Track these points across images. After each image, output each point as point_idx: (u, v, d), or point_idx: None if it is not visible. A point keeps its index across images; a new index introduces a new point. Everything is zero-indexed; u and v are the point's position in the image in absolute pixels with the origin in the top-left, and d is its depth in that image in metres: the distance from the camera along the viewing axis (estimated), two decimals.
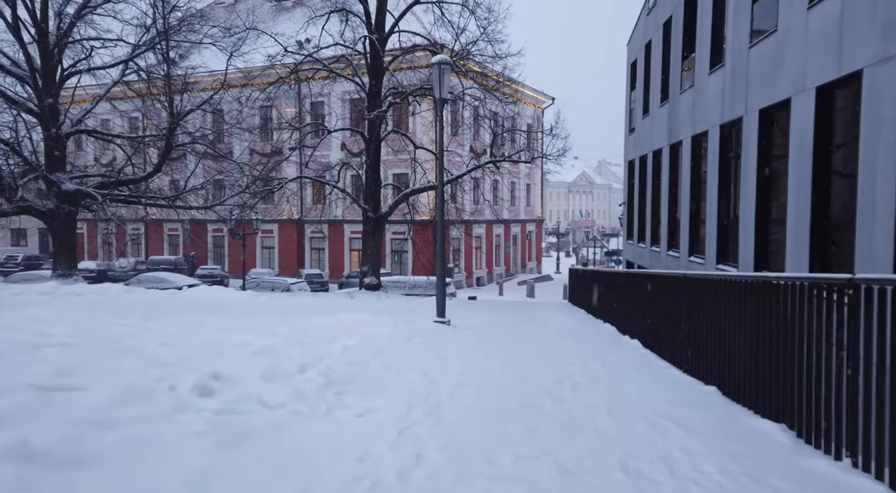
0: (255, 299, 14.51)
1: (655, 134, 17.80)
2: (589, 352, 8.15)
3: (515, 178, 45.49)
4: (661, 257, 16.91)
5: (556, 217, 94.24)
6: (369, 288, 20.49)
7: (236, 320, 9.19)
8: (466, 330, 10.42)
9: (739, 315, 5.16)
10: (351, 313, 11.77)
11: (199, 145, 22.38)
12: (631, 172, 21.76)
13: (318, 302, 14.87)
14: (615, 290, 11.43)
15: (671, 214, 16.26)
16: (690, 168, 14.32)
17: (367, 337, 8.09)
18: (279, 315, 10.53)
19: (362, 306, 14.49)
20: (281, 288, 27.84)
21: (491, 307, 16.82)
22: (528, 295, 35.79)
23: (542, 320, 12.67)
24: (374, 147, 19.99)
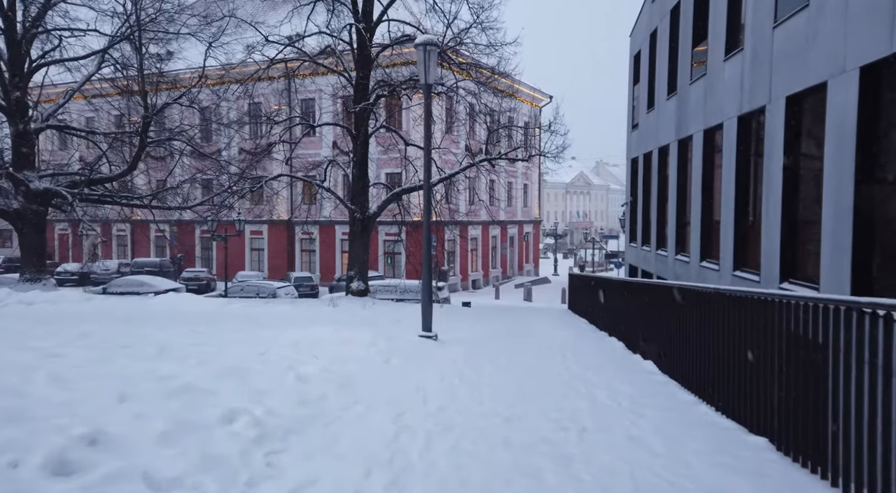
0: (226, 309, 13.25)
1: (661, 129, 16.59)
2: (595, 377, 6.92)
3: (512, 177, 44.28)
4: (669, 261, 15.70)
5: (553, 218, 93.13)
6: (356, 294, 19.23)
7: (187, 336, 7.93)
8: (455, 346, 9.17)
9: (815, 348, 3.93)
10: (327, 326, 10.50)
11: (178, 142, 21.11)
12: (634, 171, 20.56)
13: (296, 311, 13.61)
14: (624, 301, 10.19)
15: (679, 215, 15.05)
16: (702, 165, 13.11)
17: (334, 360, 6.84)
18: (242, 330, 9.27)
19: (343, 315, 13.24)
20: (266, 293, 26.57)
21: (485, 315, 15.58)
22: (526, 299, 34.56)
23: (540, 333, 11.43)
24: (360, 143, 18.73)
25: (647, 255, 18.16)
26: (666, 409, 5.48)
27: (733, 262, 11.29)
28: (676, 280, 14.66)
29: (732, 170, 11.27)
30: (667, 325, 7.25)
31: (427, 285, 9.82)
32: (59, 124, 21.78)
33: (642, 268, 18.87)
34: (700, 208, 13.21)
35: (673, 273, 15.22)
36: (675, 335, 6.85)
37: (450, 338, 10.11)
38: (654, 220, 17.38)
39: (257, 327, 9.78)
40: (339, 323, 11.51)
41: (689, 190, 14.32)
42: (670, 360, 7.06)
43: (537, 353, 8.79)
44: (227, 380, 5.08)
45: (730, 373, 5.13)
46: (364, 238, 19.29)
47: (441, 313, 15.18)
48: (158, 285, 27.80)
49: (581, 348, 9.33)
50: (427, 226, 9.92)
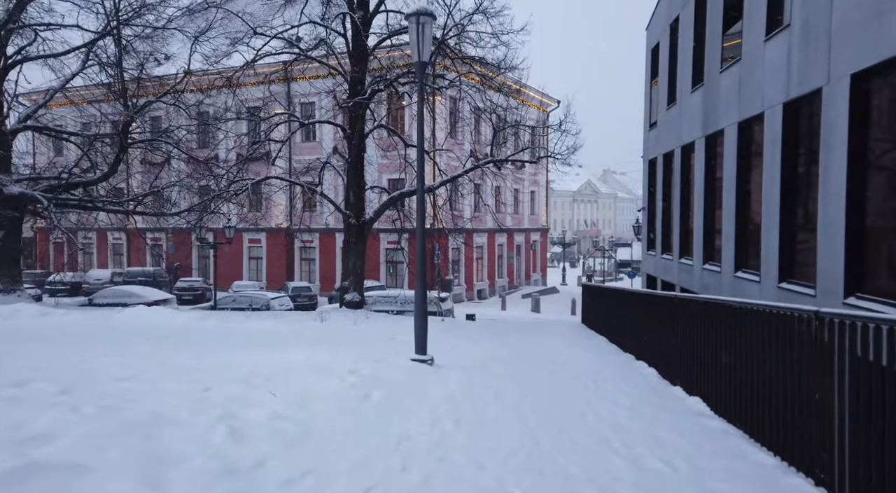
0: (199, 325, 11.78)
1: (685, 125, 15.07)
2: (631, 422, 5.37)
3: (519, 184, 42.81)
4: (695, 271, 14.11)
5: (560, 227, 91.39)
6: (351, 306, 17.73)
7: (120, 367, 6.43)
8: (454, 373, 7.64)
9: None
10: (304, 347, 9.00)
11: (168, 146, 19.76)
12: (651, 173, 19.01)
13: (277, 328, 12.13)
14: (656, 318, 8.61)
15: (708, 220, 13.48)
16: (736, 162, 11.56)
17: (295, 399, 5.32)
18: (200, 354, 7.77)
19: (330, 332, 11.73)
20: (260, 304, 25.09)
21: (490, 331, 14.03)
22: (533, 310, 32.97)
23: (553, 355, 9.87)
24: (356, 143, 17.30)
25: (669, 264, 16.57)
26: (739, 477, 3.92)
27: (778, 272, 9.71)
28: (705, 292, 13.09)
29: (776, 166, 9.72)
30: (725, 354, 5.68)
31: (421, 301, 8.30)
32: (37, 126, 20.47)
33: (662, 278, 17.27)
34: (734, 212, 11.65)
35: (701, 284, 13.63)
36: (740, 371, 5.28)
37: (448, 361, 8.57)
38: (676, 225, 15.81)
39: (220, 350, 8.28)
40: (321, 343, 10.01)
41: (719, 191, 12.77)
42: (731, 400, 5.48)
43: (552, 384, 7.23)
44: (124, 442, 3.57)
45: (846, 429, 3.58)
46: (360, 246, 17.81)
47: (441, 328, 13.66)
48: (147, 295, 26.41)
49: (605, 376, 7.76)
50: (421, 232, 8.43)
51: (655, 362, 8.33)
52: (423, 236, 8.48)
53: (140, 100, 18.83)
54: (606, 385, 7.06)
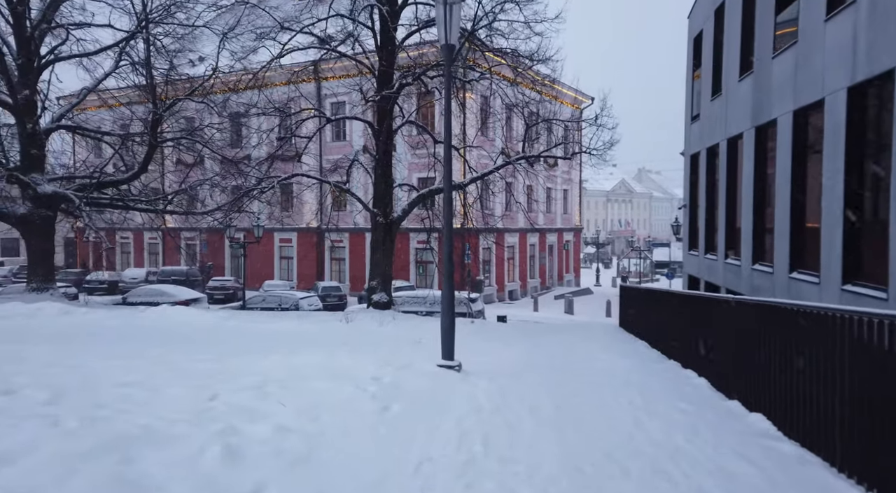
0: (222, 324, 11.44)
1: (732, 117, 14.12)
2: (688, 444, 4.67)
3: (552, 182, 41.87)
4: (743, 272, 13.17)
5: (593, 227, 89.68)
6: (378, 307, 17.26)
7: (125, 370, 6.02)
8: (483, 382, 7.02)
9: None
10: (325, 350, 8.51)
11: (199, 145, 19.63)
12: (694, 168, 18.02)
13: (300, 329, 11.69)
14: (707, 323, 7.83)
15: (758, 217, 12.54)
16: (791, 154, 10.64)
17: (306, 410, 4.79)
18: (215, 357, 7.33)
19: (355, 334, 11.23)
20: (289, 304, 24.91)
21: (522, 334, 13.35)
22: (567, 311, 32.07)
23: (591, 361, 9.16)
24: (384, 139, 16.82)
25: (713, 264, 15.60)
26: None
27: (842, 274, 8.81)
28: (755, 295, 12.16)
29: (839, 157, 8.82)
30: (795, 365, 4.93)
31: (448, 303, 7.72)
32: (70, 125, 20.61)
33: (706, 279, 16.31)
34: (788, 208, 10.73)
35: (750, 286, 12.70)
36: (816, 386, 4.53)
37: (477, 367, 7.96)
38: (721, 224, 14.85)
39: (238, 352, 7.84)
40: (345, 345, 9.51)
41: (770, 186, 11.84)
42: (804, 420, 4.73)
43: (593, 396, 6.54)
44: (96, 466, 3.07)
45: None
46: (387, 245, 17.34)
47: (470, 331, 13.06)
48: (178, 294, 26.54)
49: (651, 387, 7.03)
50: (448, 231, 7.86)
51: (706, 371, 7.55)
52: (450, 235, 7.90)
53: (170, 99, 18.74)
54: (654, 398, 6.34)
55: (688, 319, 8.91)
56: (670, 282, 33.11)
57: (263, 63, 16.65)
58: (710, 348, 7.50)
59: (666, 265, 43.18)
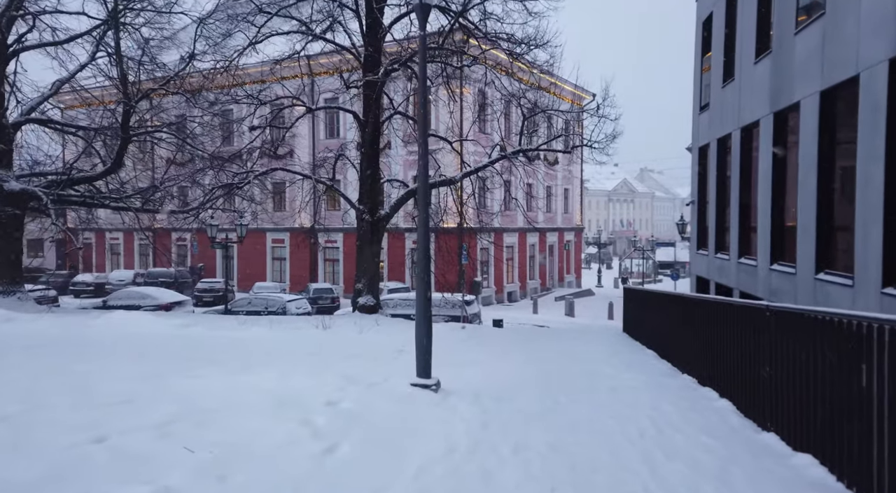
0: (180, 332, 10.26)
1: (746, 103, 12.93)
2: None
3: (551, 180, 40.68)
4: (760, 273, 11.97)
5: (595, 227, 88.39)
6: (364, 310, 16.11)
7: (25, 394, 4.85)
8: (464, 406, 5.86)
9: None
10: (284, 365, 7.33)
11: (167, 137, 18.48)
12: (702, 162, 16.83)
13: (269, 336, 10.50)
14: (733, 335, 6.64)
15: (777, 212, 11.34)
16: (818, 141, 9.45)
17: (214, 463, 3.61)
18: (150, 372, 6.16)
19: (328, 344, 10.05)
20: (276, 307, 23.70)
21: (518, 341, 12.16)
22: (567, 314, 30.90)
23: (594, 376, 7.97)
24: (370, 131, 15.65)
25: (725, 264, 14.41)
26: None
27: (882, 275, 7.62)
28: (775, 298, 10.97)
29: (879, 141, 7.63)
30: (866, 393, 3.74)
31: (423, 311, 6.54)
32: (40, 119, 19.45)
33: (717, 281, 15.11)
34: (814, 201, 9.54)
35: (768, 288, 11.51)
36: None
37: (461, 385, 6.79)
38: (734, 220, 13.65)
39: (173, 370, 6.65)
40: (312, 357, 8.35)
41: (792, 178, 10.65)
42: (876, 467, 3.55)
43: (596, 426, 5.36)
44: None
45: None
46: (374, 245, 16.18)
47: (461, 337, 11.87)
48: (161, 297, 25.37)
49: (666, 412, 5.85)
50: (423, 229, 6.71)
51: (730, 391, 6.36)
52: (426, 234, 6.74)
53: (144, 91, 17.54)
54: (671, 429, 5.16)
55: (703, 328, 7.72)
56: (675, 283, 31.89)
57: (243, 52, 15.48)
58: (733, 364, 6.32)
59: (670, 266, 41.91)
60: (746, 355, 6.01)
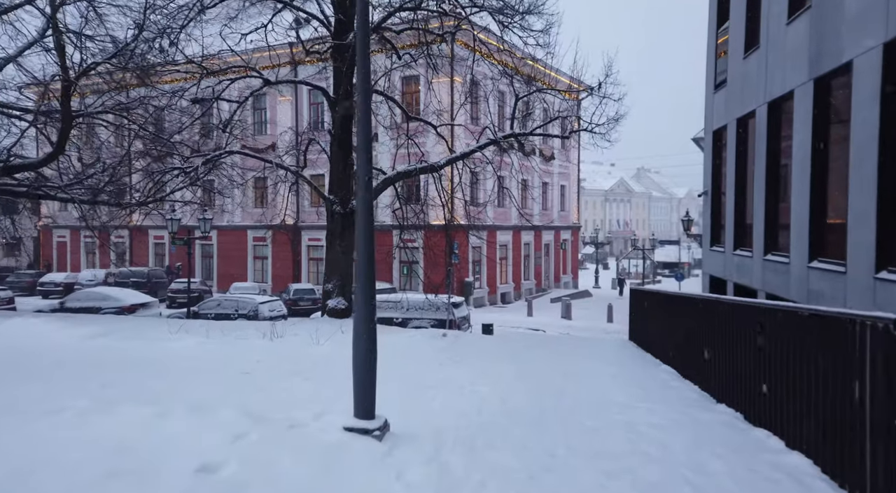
0: (81, 345, 8.30)
1: (776, 72, 11.04)
2: None
3: (548, 177, 38.82)
4: (794, 272, 10.08)
5: (591, 227, 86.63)
6: (334, 315, 14.17)
7: None
8: (412, 465, 3.94)
9: None
10: (191, 391, 5.38)
11: (116, 120, 16.45)
12: (717, 147, 14.94)
13: (199, 350, 8.56)
14: (809, 357, 4.70)
15: (816, 199, 9.44)
16: (879, 108, 7.56)
17: None
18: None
19: (266, 361, 8.08)
20: (247, 309, 21.73)
21: (506, 352, 10.22)
22: (564, 316, 29.03)
23: (601, 405, 6.05)
24: (341, 112, 13.71)
25: (746, 262, 12.50)
26: None
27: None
28: (816, 301, 9.08)
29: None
30: None
31: (364, 327, 4.60)
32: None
33: (735, 281, 13.21)
34: (874, 184, 7.64)
35: (804, 290, 9.61)
36: None
37: (420, 423, 4.87)
38: (758, 211, 11.74)
39: (21, 405, 4.70)
40: (241, 377, 6.39)
41: (839, 158, 8.77)
42: None
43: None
44: None
45: None
46: (346, 240, 14.23)
47: (439, 348, 9.93)
48: (124, 298, 23.39)
49: (713, 473, 3.93)
50: (365, 218, 4.76)
51: (805, 440, 4.43)
52: (369, 228, 4.79)
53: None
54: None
55: (747, 343, 5.79)
56: (679, 284, 29.99)
57: (193, 19, 13.49)
58: (810, 397, 4.38)
59: (674, 266, 39.98)
60: (835, 389, 4.09)
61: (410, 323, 19.04)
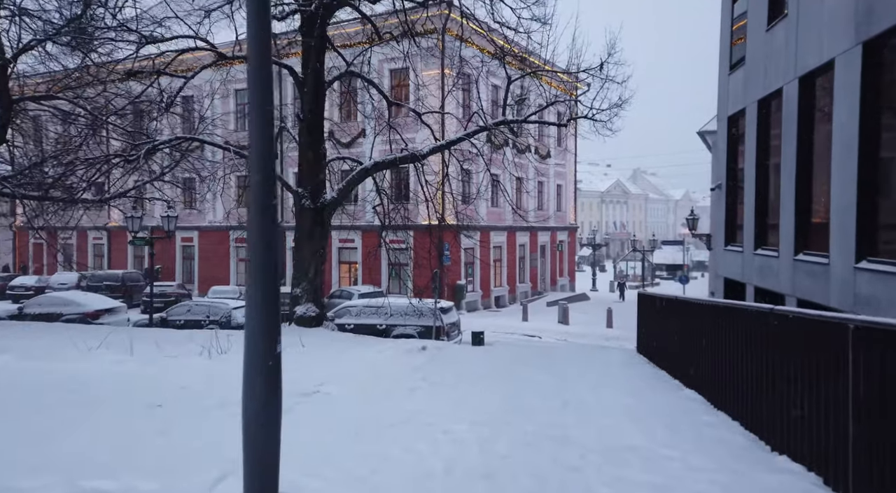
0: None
1: (809, 41, 9.49)
2: None
3: (543, 176, 37.25)
4: (835, 274, 8.50)
5: (587, 229, 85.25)
6: (303, 323, 12.54)
7: None
8: None
9: None
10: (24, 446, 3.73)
11: (67, 107, 14.78)
12: (733, 135, 13.39)
13: (97, 375, 6.91)
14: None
15: (866, 186, 7.86)
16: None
17: None
18: None
19: (195, 385, 6.44)
20: (219, 315, 20.04)
21: (495, 370, 8.60)
22: (561, 321, 27.43)
23: (619, 459, 4.42)
24: (310, 90, 12.09)
25: (771, 264, 10.92)
26: None
27: None
28: (868, 310, 7.53)
29: None
30: None
31: (256, 361, 2.97)
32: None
33: (757, 284, 11.63)
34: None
35: (848, 295, 8.03)
36: None
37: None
38: (787, 205, 10.16)
39: None
40: (146, 413, 4.74)
41: (892, 136, 7.21)
42: None
43: None
44: None
45: None
46: (316, 239, 12.60)
47: (413, 367, 8.30)
48: (88, 303, 21.70)
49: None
50: (260, 201, 3.10)
51: None
52: (270, 223, 3.18)
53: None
54: None
55: (841, 375, 4.16)
56: (684, 287, 28.45)
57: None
58: None
59: (676, 268, 38.38)
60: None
61: (394, 330, 17.37)
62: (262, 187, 2.99)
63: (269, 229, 3.03)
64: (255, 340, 2.99)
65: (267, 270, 3.03)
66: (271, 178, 3.01)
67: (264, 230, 3.01)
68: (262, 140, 2.96)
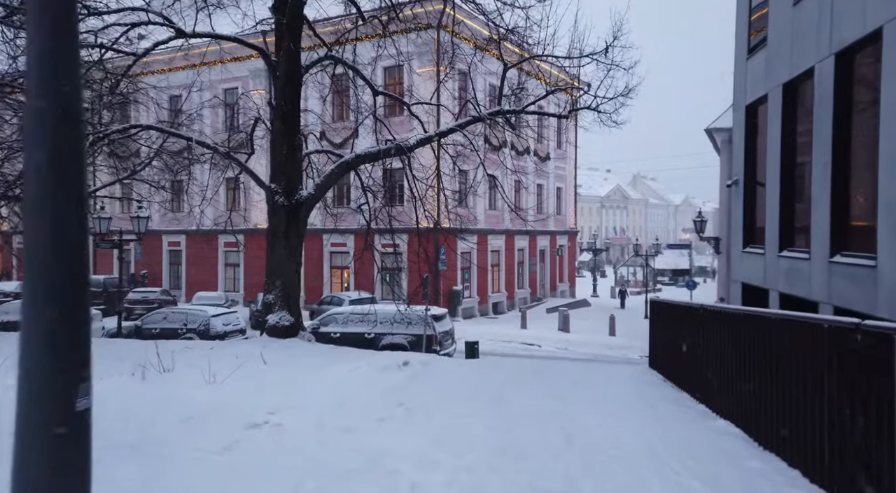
0: None
1: (846, 12, 8.26)
2: None
3: (543, 178, 36.04)
4: (883, 277, 7.24)
5: (587, 234, 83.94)
6: (275, 333, 11.23)
7: None
8: None
9: None
10: None
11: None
12: (751, 125, 12.16)
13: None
14: None
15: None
16: None
17: None
18: None
19: (101, 420, 5.13)
20: (197, 324, 18.73)
21: (485, 390, 7.32)
22: (561, 329, 26.18)
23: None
24: (283, 74, 10.85)
25: (800, 267, 9.65)
26: None
27: None
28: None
29: None
30: None
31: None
32: None
33: (782, 290, 10.36)
34: None
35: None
36: None
37: None
38: (821, 199, 8.91)
39: None
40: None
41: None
42: None
43: None
44: None
45: None
46: (291, 239, 11.33)
47: (385, 390, 7.04)
48: None
49: None
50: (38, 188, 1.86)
51: None
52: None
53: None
54: None
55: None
56: (691, 293, 27.17)
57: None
58: None
59: (683, 273, 37.05)
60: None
61: (383, 339, 16.04)
62: (50, 128, 1.74)
63: (66, 206, 1.77)
64: (32, 391, 1.71)
65: (61, 273, 1.76)
66: (75, 113, 1.76)
67: (56, 207, 1.75)
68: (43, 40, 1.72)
